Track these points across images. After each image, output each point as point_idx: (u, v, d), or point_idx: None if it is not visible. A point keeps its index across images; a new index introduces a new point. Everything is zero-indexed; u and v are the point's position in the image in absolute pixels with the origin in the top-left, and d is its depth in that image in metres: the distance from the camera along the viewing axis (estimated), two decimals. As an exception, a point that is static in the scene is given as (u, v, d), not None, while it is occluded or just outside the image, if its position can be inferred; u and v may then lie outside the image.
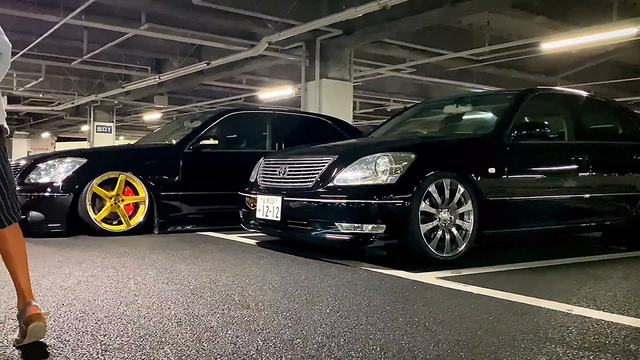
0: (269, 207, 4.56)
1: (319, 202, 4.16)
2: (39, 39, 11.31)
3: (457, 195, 4.08)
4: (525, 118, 4.79)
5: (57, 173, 5.40)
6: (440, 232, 4.01)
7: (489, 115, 5.41)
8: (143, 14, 10.11)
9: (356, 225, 3.95)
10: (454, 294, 3.11)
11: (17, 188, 2.12)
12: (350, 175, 4.11)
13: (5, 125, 2.06)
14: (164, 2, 9.47)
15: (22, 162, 5.72)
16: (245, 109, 7.82)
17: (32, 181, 5.37)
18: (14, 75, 16.74)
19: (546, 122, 4.57)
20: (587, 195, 4.85)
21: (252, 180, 5.07)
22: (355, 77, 12.96)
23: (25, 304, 2.07)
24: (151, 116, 24.32)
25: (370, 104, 20.62)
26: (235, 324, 2.44)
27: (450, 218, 4.06)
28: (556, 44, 10.08)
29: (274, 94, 15.53)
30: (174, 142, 6.25)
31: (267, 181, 4.79)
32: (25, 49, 12.03)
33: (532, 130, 4.52)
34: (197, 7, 9.40)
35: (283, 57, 11.76)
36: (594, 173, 4.90)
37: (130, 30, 10.64)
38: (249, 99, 19.57)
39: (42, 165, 5.46)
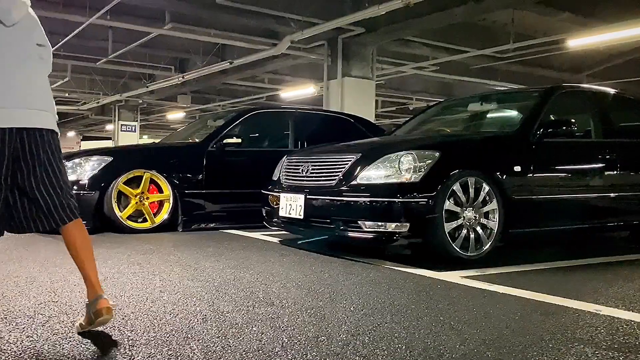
0: (292, 205, 4.57)
1: (342, 200, 4.16)
2: (65, 39, 11.48)
3: (482, 194, 4.04)
4: (552, 116, 4.72)
5: (84, 171, 5.48)
6: (464, 231, 3.97)
7: (514, 113, 5.35)
8: (167, 14, 10.20)
9: (379, 223, 3.93)
10: (479, 294, 3.08)
11: None
12: (374, 174, 4.10)
13: (57, 130, 2.17)
14: (187, 1, 9.54)
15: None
16: (267, 108, 7.84)
17: (59, 179, 5.44)
18: (41, 75, 16.99)
19: (573, 120, 4.50)
20: (615, 194, 4.77)
21: (275, 178, 5.09)
22: (378, 75, 12.91)
23: (96, 296, 2.17)
24: (175, 115, 24.55)
25: (393, 102, 20.53)
26: (260, 321, 2.45)
27: (475, 217, 4.02)
28: (583, 41, 9.91)
29: (295, 92, 15.55)
30: (197, 140, 6.30)
31: (290, 179, 4.80)
32: (51, 49, 12.20)
33: (559, 129, 4.45)
34: (220, 7, 9.46)
35: (305, 56, 11.77)
36: (621, 172, 4.81)
37: (154, 30, 10.74)
38: (271, 97, 19.63)
39: (68, 164, 5.53)
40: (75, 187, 5.39)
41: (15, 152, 1.97)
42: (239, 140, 6.10)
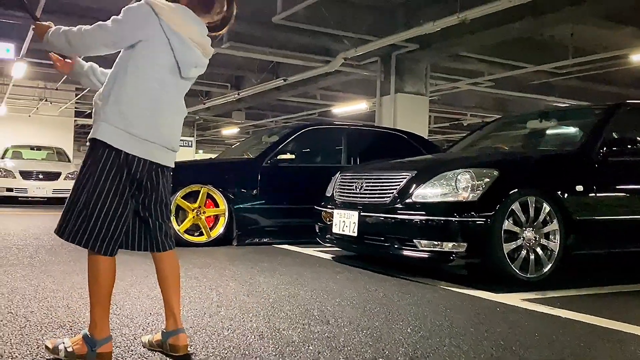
0: (345, 222, 4.56)
1: (397, 218, 4.13)
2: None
3: (542, 214, 3.93)
4: (615, 134, 4.55)
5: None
6: (524, 252, 3.86)
7: (575, 130, 5.19)
8: (225, 33, 10.44)
9: (435, 242, 3.87)
10: (541, 317, 2.98)
11: None
12: (430, 192, 4.05)
13: (173, 165, 2.32)
14: (245, 21, 9.73)
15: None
16: (321, 124, 7.89)
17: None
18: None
19: (639, 138, 4.34)
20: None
21: (328, 194, 5.10)
22: (431, 91, 12.79)
23: (177, 329, 2.22)
24: (229, 131, 25.05)
25: (446, 118, 20.29)
26: (316, 340, 2.45)
27: (535, 237, 3.91)
28: (648, 56, 9.57)
29: (347, 108, 15.61)
30: (252, 156, 6.39)
31: (343, 196, 4.80)
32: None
33: (624, 147, 4.30)
34: (276, 26, 9.60)
35: (358, 72, 11.81)
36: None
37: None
38: (323, 113, 19.77)
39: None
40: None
41: (141, 178, 2.17)
42: (293, 156, 6.16)
